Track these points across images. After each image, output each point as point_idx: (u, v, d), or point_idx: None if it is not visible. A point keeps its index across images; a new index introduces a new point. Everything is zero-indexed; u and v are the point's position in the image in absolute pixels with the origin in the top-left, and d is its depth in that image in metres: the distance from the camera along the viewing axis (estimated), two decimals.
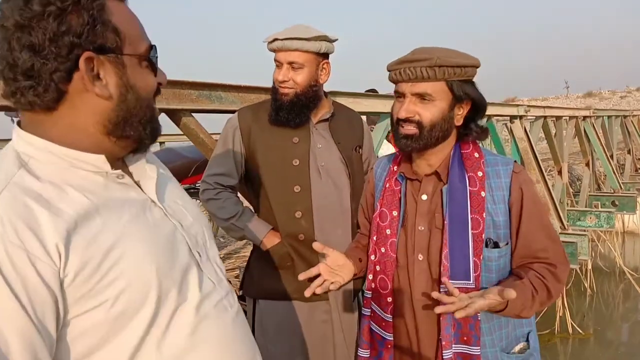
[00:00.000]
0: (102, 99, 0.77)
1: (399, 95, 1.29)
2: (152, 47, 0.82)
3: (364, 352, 1.38)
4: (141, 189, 0.84)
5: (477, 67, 1.29)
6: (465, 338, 1.24)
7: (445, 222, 1.26)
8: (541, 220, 1.29)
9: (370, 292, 1.37)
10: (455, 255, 1.24)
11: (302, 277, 1.30)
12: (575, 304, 7.03)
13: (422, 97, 1.24)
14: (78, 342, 0.72)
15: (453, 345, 1.23)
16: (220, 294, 0.87)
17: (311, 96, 1.71)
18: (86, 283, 0.70)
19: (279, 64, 1.70)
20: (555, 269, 1.26)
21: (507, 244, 1.28)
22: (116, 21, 0.76)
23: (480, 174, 1.28)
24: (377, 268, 1.35)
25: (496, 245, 1.26)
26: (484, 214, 1.24)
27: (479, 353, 1.23)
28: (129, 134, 0.80)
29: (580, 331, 6.16)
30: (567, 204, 6.53)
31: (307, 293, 1.28)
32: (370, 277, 1.37)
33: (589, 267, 7.36)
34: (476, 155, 1.31)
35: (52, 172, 0.75)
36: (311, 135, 1.75)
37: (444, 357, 1.23)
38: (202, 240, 0.90)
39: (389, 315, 1.32)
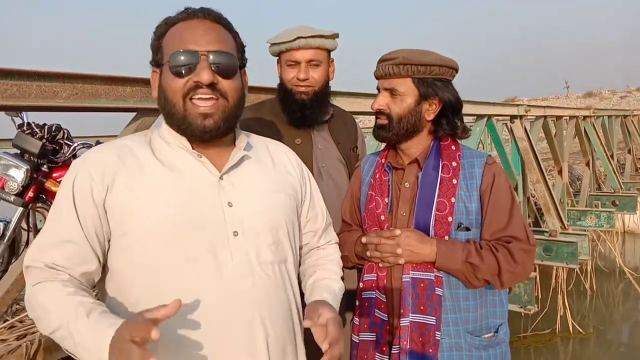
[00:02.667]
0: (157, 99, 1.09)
1: (378, 90, 1.45)
2: (173, 54, 1.01)
3: (369, 336, 1.42)
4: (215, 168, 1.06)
5: (448, 67, 1.40)
6: (422, 308, 1.33)
7: (415, 204, 1.39)
8: (506, 205, 1.38)
9: (375, 276, 1.43)
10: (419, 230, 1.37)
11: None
12: (576, 304, 7.03)
13: (392, 92, 1.40)
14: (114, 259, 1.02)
15: (410, 314, 1.33)
16: (240, 270, 1.01)
17: (326, 93, 1.74)
18: (114, 218, 1.00)
19: (294, 64, 1.69)
20: (509, 244, 1.34)
21: (478, 229, 1.38)
22: (164, 41, 1.05)
23: (454, 164, 1.40)
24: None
25: (468, 229, 1.37)
26: (452, 199, 1.36)
27: (434, 323, 1.32)
28: (173, 126, 1.06)
29: (581, 331, 6.17)
30: (568, 203, 6.52)
31: None
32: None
33: (590, 267, 7.36)
34: (453, 147, 1.44)
35: (157, 141, 1.08)
36: (312, 136, 1.75)
37: (401, 324, 1.33)
38: (250, 224, 1.05)
39: (384, 296, 1.40)
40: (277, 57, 1.77)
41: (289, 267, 1.13)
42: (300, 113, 1.70)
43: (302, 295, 1.23)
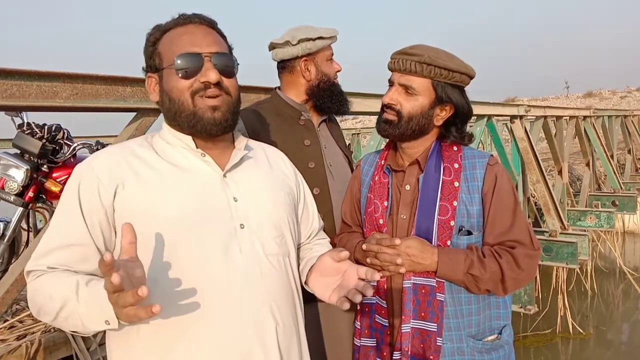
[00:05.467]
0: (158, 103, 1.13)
1: (390, 83, 1.40)
2: (179, 57, 1.05)
3: (369, 341, 1.41)
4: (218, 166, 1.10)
5: (469, 75, 1.37)
6: (423, 314, 1.31)
7: (416, 208, 1.35)
8: (509, 207, 1.34)
9: (376, 281, 1.40)
10: (421, 238, 1.33)
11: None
12: (576, 304, 7.03)
13: (406, 88, 1.34)
14: None
15: (411, 321, 1.31)
16: (249, 261, 1.05)
17: None
18: (124, 218, 1.00)
19: (332, 57, 1.77)
20: (513, 250, 1.30)
21: (480, 232, 1.35)
22: (161, 47, 1.08)
23: (456, 165, 1.37)
24: None
25: (469, 233, 1.33)
26: (455, 202, 1.32)
27: (435, 330, 1.29)
28: (181, 124, 1.08)
29: (581, 331, 6.17)
30: (568, 204, 6.52)
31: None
32: None
33: (590, 267, 7.37)
34: (454, 148, 1.41)
35: (159, 143, 1.11)
36: (318, 136, 1.76)
37: (402, 331, 1.31)
38: (255, 218, 1.09)
39: (384, 302, 1.38)
40: (305, 56, 1.72)
41: (292, 261, 1.16)
42: (345, 102, 1.78)
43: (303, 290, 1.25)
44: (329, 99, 1.74)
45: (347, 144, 1.94)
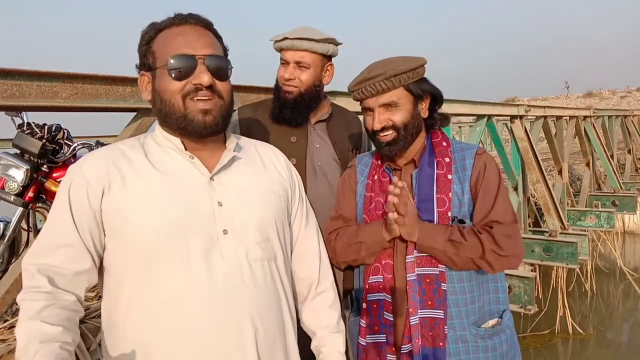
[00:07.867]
0: (151, 102, 1.11)
1: (367, 110, 1.43)
2: (172, 58, 1.04)
3: (380, 338, 1.41)
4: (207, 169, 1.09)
5: (423, 65, 1.43)
6: (429, 302, 1.34)
7: (414, 201, 1.38)
8: (492, 191, 1.39)
9: (382, 277, 1.42)
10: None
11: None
12: (576, 304, 7.03)
13: (388, 105, 1.39)
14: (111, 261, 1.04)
15: (419, 311, 1.34)
16: (230, 267, 1.04)
17: (314, 96, 1.74)
18: (109, 221, 1.02)
19: (285, 63, 1.72)
20: (491, 229, 1.34)
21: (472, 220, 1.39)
22: (155, 46, 1.08)
23: (447, 159, 1.42)
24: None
25: (462, 222, 1.37)
26: (450, 194, 1.38)
27: (443, 317, 1.32)
28: (171, 126, 1.08)
29: (581, 331, 6.17)
30: (568, 204, 6.52)
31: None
32: (382, 262, 1.43)
33: (590, 267, 7.37)
34: (444, 144, 1.47)
35: (150, 144, 1.11)
36: (309, 135, 1.76)
37: (410, 323, 1.34)
38: (240, 223, 1.08)
39: (390, 296, 1.40)
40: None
41: (279, 265, 1.15)
42: (278, 111, 1.73)
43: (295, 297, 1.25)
44: (273, 101, 1.76)
45: (354, 148, 1.87)
